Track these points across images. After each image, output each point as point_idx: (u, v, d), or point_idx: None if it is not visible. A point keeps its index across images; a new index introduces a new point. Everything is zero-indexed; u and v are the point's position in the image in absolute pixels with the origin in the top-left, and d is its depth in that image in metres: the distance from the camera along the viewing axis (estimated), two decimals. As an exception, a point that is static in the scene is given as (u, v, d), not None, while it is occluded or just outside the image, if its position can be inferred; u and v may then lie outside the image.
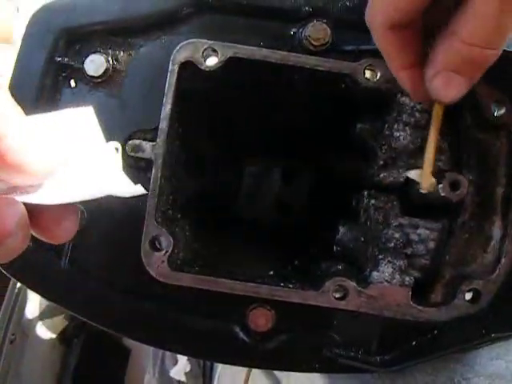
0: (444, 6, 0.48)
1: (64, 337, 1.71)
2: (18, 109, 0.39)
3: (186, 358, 1.21)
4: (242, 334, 0.65)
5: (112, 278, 0.66)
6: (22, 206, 0.39)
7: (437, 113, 0.56)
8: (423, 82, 0.51)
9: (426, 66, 0.51)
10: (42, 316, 1.65)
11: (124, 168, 0.47)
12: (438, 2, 0.48)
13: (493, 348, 0.69)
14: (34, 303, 1.59)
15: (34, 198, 0.40)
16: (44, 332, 1.67)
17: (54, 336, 1.69)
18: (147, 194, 0.45)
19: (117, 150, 0.48)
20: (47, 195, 0.41)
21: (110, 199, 0.44)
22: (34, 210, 0.40)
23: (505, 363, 0.68)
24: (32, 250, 0.56)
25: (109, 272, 0.66)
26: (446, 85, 0.49)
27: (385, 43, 0.52)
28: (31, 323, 1.64)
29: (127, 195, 0.46)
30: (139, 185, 0.47)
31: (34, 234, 0.42)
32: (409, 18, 0.48)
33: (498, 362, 0.68)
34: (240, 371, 0.98)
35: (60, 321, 1.70)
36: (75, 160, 0.44)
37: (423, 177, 0.59)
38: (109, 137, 0.63)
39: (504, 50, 0.63)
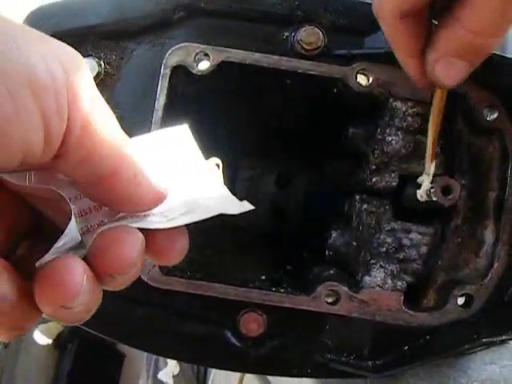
0: None
1: (59, 342, 1.70)
2: (125, 137, 0.38)
3: (175, 361, 1.21)
4: (233, 339, 0.65)
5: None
6: (141, 235, 0.38)
7: (438, 100, 0.56)
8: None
9: (428, 50, 0.51)
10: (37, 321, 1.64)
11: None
12: None
13: (486, 353, 0.68)
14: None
15: (147, 224, 0.40)
16: (39, 337, 1.66)
17: (48, 341, 1.68)
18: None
19: (218, 166, 0.47)
20: (160, 220, 0.40)
21: None
22: (147, 235, 0.40)
23: (498, 368, 0.67)
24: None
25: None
26: (447, 69, 0.49)
27: (393, 32, 0.52)
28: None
29: (236, 212, 0.44)
30: (245, 201, 0.45)
31: (147, 257, 0.41)
32: (418, 6, 0.48)
33: (491, 367, 0.68)
34: (233, 375, 0.98)
35: (55, 326, 1.69)
36: (182, 181, 0.43)
37: (426, 167, 0.59)
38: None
39: (498, 56, 0.63)
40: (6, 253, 0.37)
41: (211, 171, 0.46)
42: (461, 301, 0.64)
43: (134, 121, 0.63)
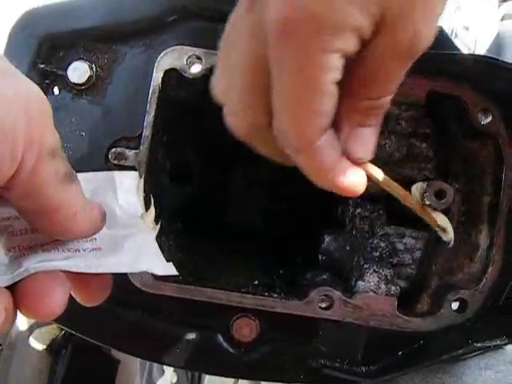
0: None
1: (53, 347, 1.69)
2: (74, 174, 0.40)
3: (172, 368, 1.20)
4: (226, 344, 0.64)
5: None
6: (69, 286, 0.40)
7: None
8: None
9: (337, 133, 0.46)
10: (31, 327, 1.63)
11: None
12: None
13: (481, 358, 0.68)
14: (22, 313, 1.58)
15: (78, 267, 0.40)
16: (33, 343, 1.65)
17: (42, 347, 1.67)
18: (178, 276, 0.46)
19: (156, 222, 0.48)
20: (90, 262, 0.41)
21: None
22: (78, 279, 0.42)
23: (494, 374, 0.67)
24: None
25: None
26: (359, 140, 0.46)
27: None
28: (20, 334, 1.62)
29: (161, 273, 0.45)
30: (171, 264, 0.46)
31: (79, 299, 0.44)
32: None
33: (486, 373, 0.67)
34: (227, 381, 0.97)
35: (49, 331, 1.68)
36: (117, 224, 0.45)
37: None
38: (92, 145, 0.63)
39: (493, 59, 0.63)
40: None
41: (146, 223, 0.48)
42: (455, 306, 0.63)
43: (125, 124, 0.63)
